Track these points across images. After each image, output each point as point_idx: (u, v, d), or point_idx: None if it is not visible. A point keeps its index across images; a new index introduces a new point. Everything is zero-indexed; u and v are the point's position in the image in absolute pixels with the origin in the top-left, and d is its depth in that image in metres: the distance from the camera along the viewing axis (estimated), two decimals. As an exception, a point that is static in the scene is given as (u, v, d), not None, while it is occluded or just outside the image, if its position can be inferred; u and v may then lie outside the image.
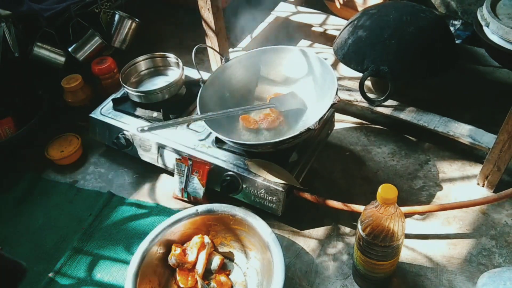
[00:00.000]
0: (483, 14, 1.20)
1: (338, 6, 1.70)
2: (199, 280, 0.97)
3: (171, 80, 1.25)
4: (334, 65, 1.55)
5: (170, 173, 1.23)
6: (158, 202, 1.20)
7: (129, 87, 1.24)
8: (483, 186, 1.15)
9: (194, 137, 1.18)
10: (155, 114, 1.24)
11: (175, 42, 1.81)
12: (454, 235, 1.06)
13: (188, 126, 1.21)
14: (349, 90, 1.35)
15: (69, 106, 1.47)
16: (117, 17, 1.58)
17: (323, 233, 1.10)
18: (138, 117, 1.25)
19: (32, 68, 1.51)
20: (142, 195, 1.23)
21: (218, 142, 1.15)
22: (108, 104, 1.31)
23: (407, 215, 1.10)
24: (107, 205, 1.20)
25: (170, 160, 1.18)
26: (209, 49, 1.50)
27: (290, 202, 1.09)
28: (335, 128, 1.33)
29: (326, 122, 1.22)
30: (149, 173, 1.28)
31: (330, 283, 1.00)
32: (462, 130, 1.18)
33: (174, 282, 0.99)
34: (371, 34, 1.26)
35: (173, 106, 1.25)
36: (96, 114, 1.28)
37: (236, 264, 1.04)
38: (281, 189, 1.04)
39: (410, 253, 1.04)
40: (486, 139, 1.14)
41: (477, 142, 1.15)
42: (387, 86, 1.26)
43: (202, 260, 0.99)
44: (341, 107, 1.41)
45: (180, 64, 1.29)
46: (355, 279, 0.99)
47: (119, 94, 1.33)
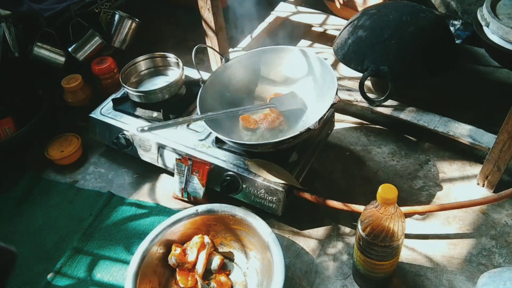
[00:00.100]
0: (483, 14, 1.20)
1: (338, 6, 1.70)
2: (199, 280, 0.97)
3: (171, 80, 1.25)
4: (334, 65, 1.55)
5: (170, 173, 1.23)
6: (158, 202, 1.20)
7: (129, 87, 1.24)
8: (483, 186, 1.15)
9: (194, 137, 1.18)
10: (155, 114, 1.24)
11: (175, 42, 1.81)
12: (454, 235, 1.06)
13: (188, 126, 1.21)
14: (349, 90, 1.35)
15: (69, 106, 1.47)
16: (117, 17, 1.58)
17: (323, 233, 1.10)
18: (138, 117, 1.25)
19: (32, 68, 1.51)
20: (142, 195, 1.23)
21: (218, 142, 1.15)
22: (108, 104, 1.31)
23: (407, 215, 1.10)
24: (107, 205, 1.20)
25: (170, 160, 1.18)
26: (209, 49, 1.50)
27: (290, 202, 1.09)
28: (335, 128, 1.33)
29: (326, 122, 1.22)
30: (149, 173, 1.28)
31: (330, 283, 1.00)
32: (462, 130, 1.18)
33: (174, 282, 0.99)
34: (371, 34, 1.26)
35: (173, 106, 1.25)
36: (96, 114, 1.28)
37: (236, 264, 1.04)
38: (281, 189, 1.04)
39: (410, 253, 1.04)
40: (486, 139, 1.14)
41: (477, 142, 1.15)
42: (387, 86, 1.26)
43: (202, 260, 0.99)
44: (341, 107, 1.41)
45: (180, 64, 1.29)
46: (355, 279, 0.99)
47: (119, 94, 1.33)
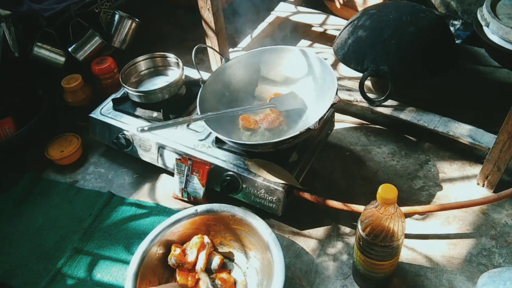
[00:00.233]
0: (483, 14, 1.20)
1: (338, 6, 1.70)
2: (204, 276, 0.96)
3: (171, 80, 1.25)
4: (334, 65, 1.55)
5: (170, 173, 1.23)
6: (158, 202, 1.20)
7: (129, 87, 1.24)
8: (483, 186, 1.15)
9: (194, 137, 1.18)
10: (155, 114, 1.24)
11: (175, 42, 1.81)
12: (454, 235, 1.06)
13: (188, 126, 1.21)
14: (349, 90, 1.35)
15: (69, 106, 1.47)
16: (117, 17, 1.58)
17: (323, 233, 1.10)
18: (138, 117, 1.25)
19: (32, 68, 1.51)
20: (142, 195, 1.23)
21: (218, 142, 1.15)
22: (108, 104, 1.31)
23: (407, 215, 1.10)
24: (107, 205, 1.20)
25: (170, 160, 1.18)
26: (209, 49, 1.50)
27: (290, 202, 1.08)
28: (335, 128, 1.33)
29: (326, 122, 1.22)
30: (149, 173, 1.28)
31: (330, 283, 1.00)
32: (462, 130, 1.18)
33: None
34: (371, 34, 1.26)
35: (173, 106, 1.25)
36: (96, 114, 1.28)
37: (236, 264, 1.04)
38: (281, 189, 1.04)
39: (410, 253, 1.04)
40: (486, 139, 1.14)
41: (477, 142, 1.15)
42: (387, 86, 1.26)
43: (202, 260, 0.99)
44: (341, 107, 1.41)
45: (180, 64, 1.29)
46: (355, 279, 0.99)
47: (119, 94, 1.33)
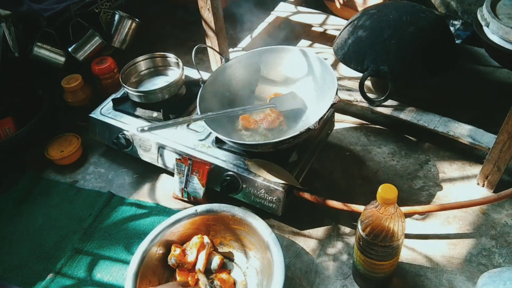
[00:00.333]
0: (483, 14, 1.20)
1: (338, 6, 1.70)
2: (202, 277, 0.96)
3: (171, 80, 1.25)
4: (334, 65, 1.55)
5: (170, 173, 1.23)
6: (158, 202, 1.20)
7: (129, 87, 1.24)
8: (483, 186, 1.15)
9: (194, 137, 1.18)
10: (155, 114, 1.24)
11: (175, 42, 1.81)
12: (454, 235, 1.06)
13: (188, 126, 1.21)
14: (349, 90, 1.35)
15: (69, 106, 1.47)
16: (117, 17, 1.58)
17: (323, 233, 1.10)
18: (138, 117, 1.25)
19: (32, 68, 1.51)
20: (142, 195, 1.23)
21: (218, 142, 1.15)
22: (108, 104, 1.31)
23: (407, 215, 1.10)
24: (107, 205, 1.20)
25: (170, 160, 1.18)
26: (209, 49, 1.50)
27: (290, 202, 1.08)
28: (335, 128, 1.33)
29: (326, 122, 1.22)
30: (149, 173, 1.28)
31: (330, 283, 1.00)
32: (462, 130, 1.18)
33: (174, 282, 0.99)
34: (371, 34, 1.26)
35: (173, 106, 1.25)
36: (96, 114, 1.28)
37: (236, 264, 1.04)
38: (281, 189, 1.04)
39: (410, 253, 1.04)
40: (486, 139, 1.14)
41: (477, 142, 1.15)
42: (387, 86, 1.26)
43: (202, 260, 0.99)
44: (341, 107, 1.41)
45: (180, 64, 1.29)
46: (355, 279, 0.99)
47: (119, 94, 1.33)
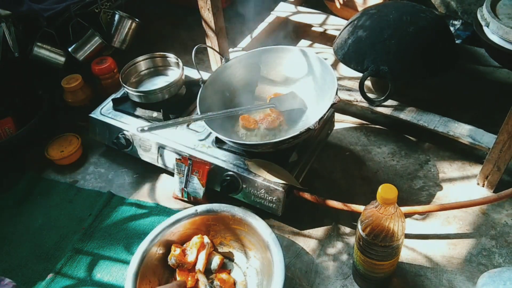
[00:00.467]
0: (483, 14, 1.20)
1: (338, 6, 1.70)
2: (202, 277, 0.96)
3: (171, 80, 1.25)
4: (334, 65, 1.55)
5: (170, 173, 1.23)
6: (158, 202, 1.20)
7: (129, 87, 1.24)
8: (483, 186, 1.15)
9: (194, 137, 1.18)
10: (155, 114, 1.24)
11: (175, 42, 1.81)
12: (454, 235, 1.06)
13: (188, 126, 1.21)
14: (349, 90, 1.35)
15: (69, 106, 1.47)
16: (117, 17, 1.58)
17: (323, 233, 1.10)
18: (138, 117, 1.25)
19: (32, 68, 1.51)
20: (142, 195, 1.23)
21: (218, 142, 1.15)
22: (108, 104, 1.31)
23: (407, 215, 1.10)
24: (107, 205, 1.20)
25: (170, 160, 1.18)
26: (209, 49, 1.50)
27: (290, 202, 1.08)
28: (335, 128, 1.33)
29: (326, 122, 1.22)
30: (149, 173, 1.28)
31: (330, 283, 1.00)
32: (462, 130, 1.18)
33: (174, 282, 0.99)
34: (371, 34, 1.26)
35: (173, 106, 1.25)
36: (96, 114, 1.28)
37: (236, 264, 1.04)
38: (281, 189, 1.04)
39: (410, 253, 1.04)
40: (486, 139, 1.14)
41: (477, 142, 1.15)
42: (387, 86, 1.26)
43: (202, 260, 0.99)
44: (341, 107, 1.41)
45: (180, 64, 1.29)
46: (355, 279, 0.99)
47: (119, 94, 1.33)
